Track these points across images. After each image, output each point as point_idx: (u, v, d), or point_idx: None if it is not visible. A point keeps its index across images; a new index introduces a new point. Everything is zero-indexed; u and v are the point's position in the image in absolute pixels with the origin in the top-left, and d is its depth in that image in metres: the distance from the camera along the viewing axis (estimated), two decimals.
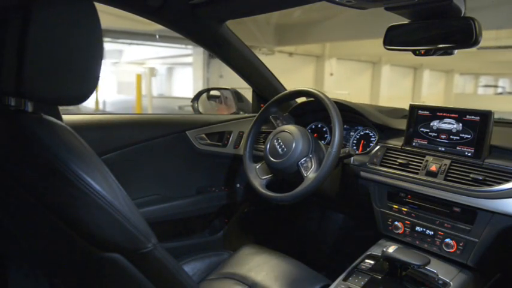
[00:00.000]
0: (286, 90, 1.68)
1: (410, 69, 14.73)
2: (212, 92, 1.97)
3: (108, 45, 10.01)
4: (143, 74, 9.64)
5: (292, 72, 11.55)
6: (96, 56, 0.61)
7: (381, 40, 1.09)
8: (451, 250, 1.04)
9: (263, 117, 1.40)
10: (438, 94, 15.27)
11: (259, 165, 1.33)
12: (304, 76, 12.31)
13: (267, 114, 1.40)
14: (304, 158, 1.18)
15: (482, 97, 15.66)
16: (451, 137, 1.11)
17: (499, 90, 16.11)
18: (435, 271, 1.01)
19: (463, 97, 15.24)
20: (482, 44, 0.93)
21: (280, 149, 1.23)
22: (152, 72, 10.03)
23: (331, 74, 12.35)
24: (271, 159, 1.24)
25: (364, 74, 13.59)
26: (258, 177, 1.31)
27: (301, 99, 1.58)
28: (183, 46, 9.94)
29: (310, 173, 1.16)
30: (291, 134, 1.23)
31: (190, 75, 10.50)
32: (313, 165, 1.17)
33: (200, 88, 1.75)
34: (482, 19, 0.93)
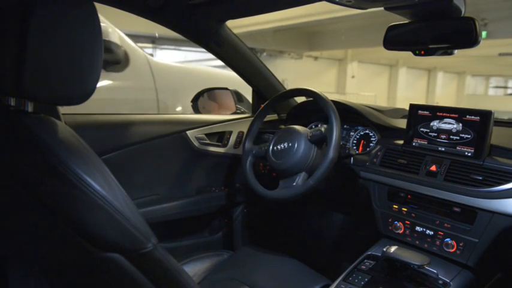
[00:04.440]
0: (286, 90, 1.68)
1: (425, 71, 14.98)
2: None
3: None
4: None
5: (317, 75, 12.09)
6: (96, 56, 0.61)
7: None
8: (451, 250, 1.04)
9: (262, 116, 1.40)
10: (451, 95, 15.50)
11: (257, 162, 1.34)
12: (328, 79, 12.78)
13: (266, 113, 1.41)
14: (306, 161, 1.19)
15: (492, 98, 15.91)
16: (451, 137, 1.11)
17: (510, 91, 16.39)
18: (435, 271, 1.01)
19: (474, 98, 15.50)
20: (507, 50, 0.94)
21: (282, 151, 1.23)
22: None
23: (353, 77, 12.74)
24: (273, 159, 1.25)
25: (382, 76, 13.95)
26: (254, 176, 1.32)
27: (300, 99, 1.59)
28: None
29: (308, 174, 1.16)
30: (293, 136, 1.23)
31: None
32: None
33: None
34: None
